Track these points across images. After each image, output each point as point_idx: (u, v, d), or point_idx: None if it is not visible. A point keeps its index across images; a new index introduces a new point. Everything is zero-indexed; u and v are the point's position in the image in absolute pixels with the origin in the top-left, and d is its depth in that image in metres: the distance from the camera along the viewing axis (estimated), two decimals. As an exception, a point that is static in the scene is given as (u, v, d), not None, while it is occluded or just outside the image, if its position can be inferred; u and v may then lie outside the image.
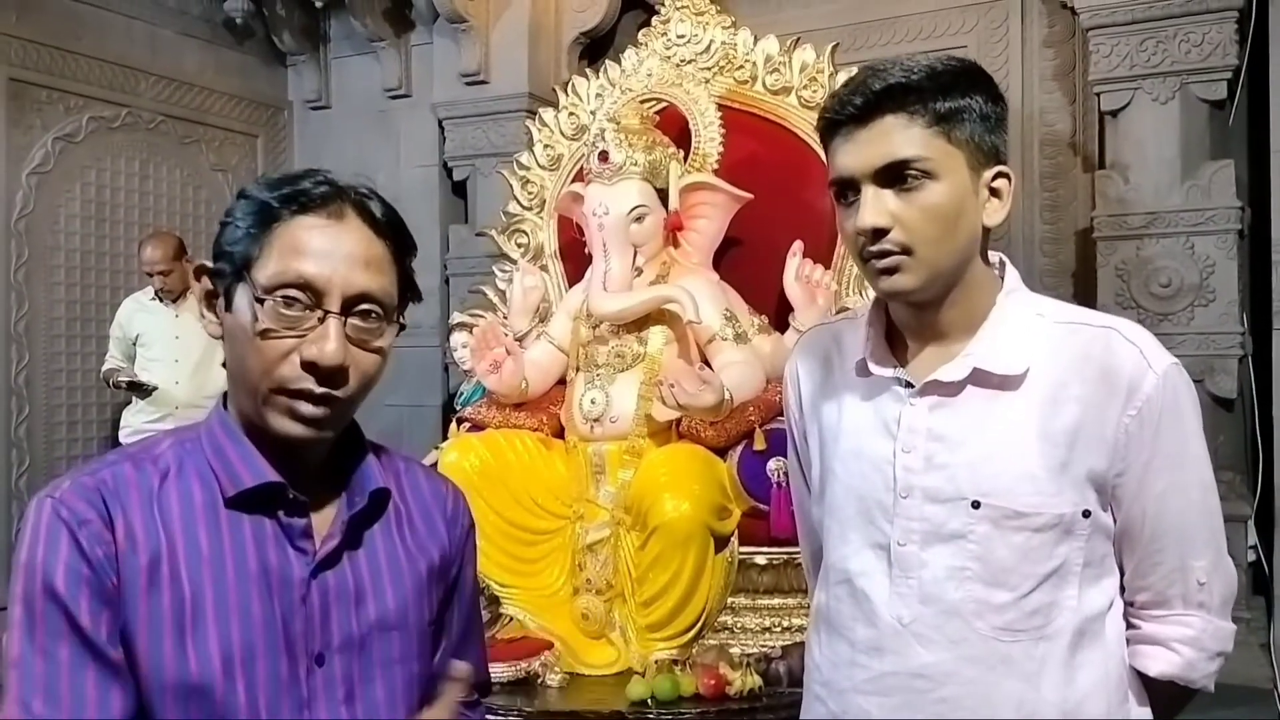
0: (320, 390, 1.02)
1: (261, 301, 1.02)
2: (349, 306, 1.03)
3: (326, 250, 1.03)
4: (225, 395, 1.12)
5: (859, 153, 1.19)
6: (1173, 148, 3.74)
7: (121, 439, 4.47)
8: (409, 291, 1.13)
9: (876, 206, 1.18)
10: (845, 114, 1.20)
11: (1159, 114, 3.76)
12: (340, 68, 5.63)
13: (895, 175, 1.17)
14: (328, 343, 1.01)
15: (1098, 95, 3.92)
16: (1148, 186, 3.77)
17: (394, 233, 1.09)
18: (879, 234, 1.18)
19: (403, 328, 1.12)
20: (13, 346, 4.49)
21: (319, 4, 5.17)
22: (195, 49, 5.31)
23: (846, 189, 1.22)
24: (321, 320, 1.02)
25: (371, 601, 1.08)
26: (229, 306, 1.06)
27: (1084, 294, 4.03)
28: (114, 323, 4.49)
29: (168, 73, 5.14)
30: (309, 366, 1.01)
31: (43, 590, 0.97)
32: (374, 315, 1.05)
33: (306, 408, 1.03)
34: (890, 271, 1.19)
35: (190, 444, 1.09)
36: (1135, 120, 3.81)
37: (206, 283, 1.09)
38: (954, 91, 1.18)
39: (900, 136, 1.17)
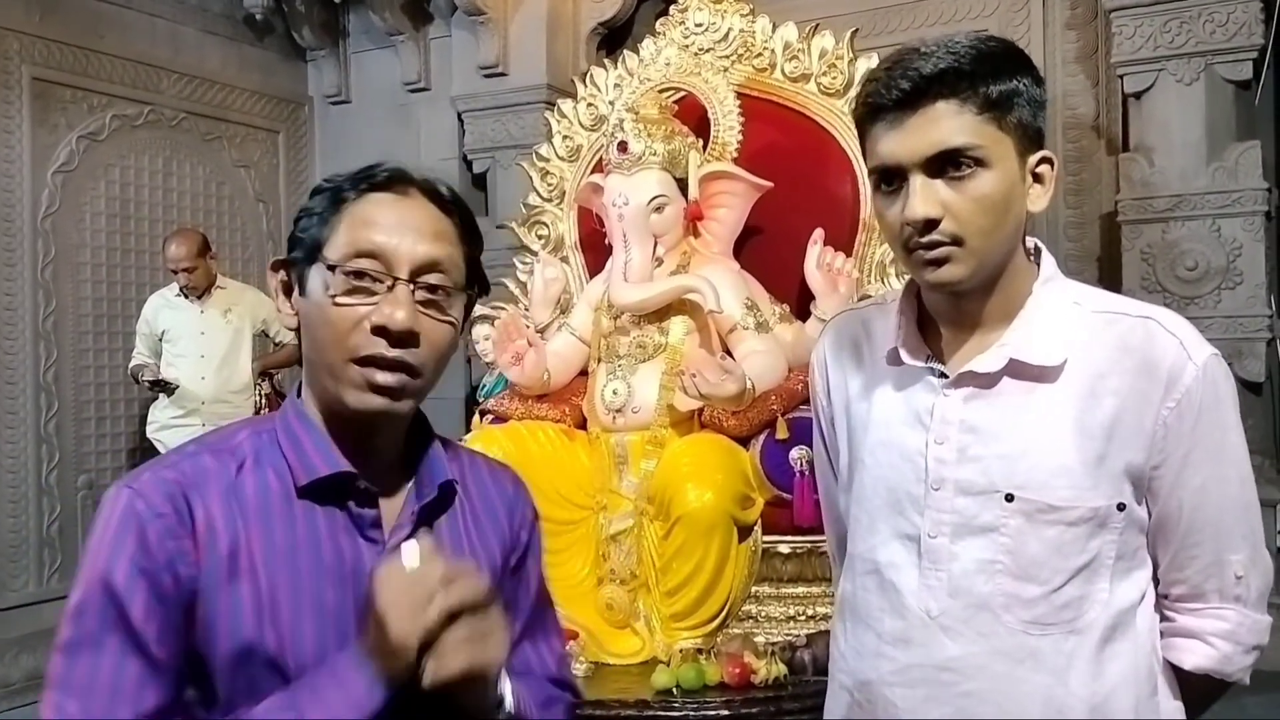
0: (392, 355, 1.04)
1: (334, 270, 1.05)
2: (417, 275, 1.06)
3: (394, 222, 1.07)
4: (299, 386, 1.14)
5: (907, 140, 1.14)
6: (1198, 129, 3.71)
7: (149, 434, 4.52)
8: (477, 281, 1.15)
9: (927, 196, 1.14)
10: (891, 98, 1.15)
11: (1183, 95, 3.72)
12: (360, 62, 5.65)
13: (946, 164, 1.14)
14: (398, 308, 1.04)
15: (1121, 77, 3.89)
16: (1173, 169, 3.73)
17: (460, 210, 1.12)
18: (929, 225, 1.14)
19: (469, 308, 1.15)
20: (41, 344, 4.53)
21: (338, -1, 5.20)
22: (217, 46, 5.34)
23: (891, 177, 1.18)
24: (391, 288, 1.05)
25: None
26: (304, 291, 1.09)
27: (1109, 278, 4.00)
28: (140, 319, 4.54)
29: (190, 70, 5.17)
30: (380, 331, 1.04)
31: (101, 580, 0.99)
32: (443, 285, 1.08)
33: (381, 376, 1.04)
34: (939, 263, 1.16)
35: (266, 434, 1.10)
36: (1159, 102, 3.78)
37: (283, 275, 1.12)
38: (1003, 74, 1.14)
39: (952, 124, 1.13)
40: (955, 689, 1.20)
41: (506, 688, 1.07)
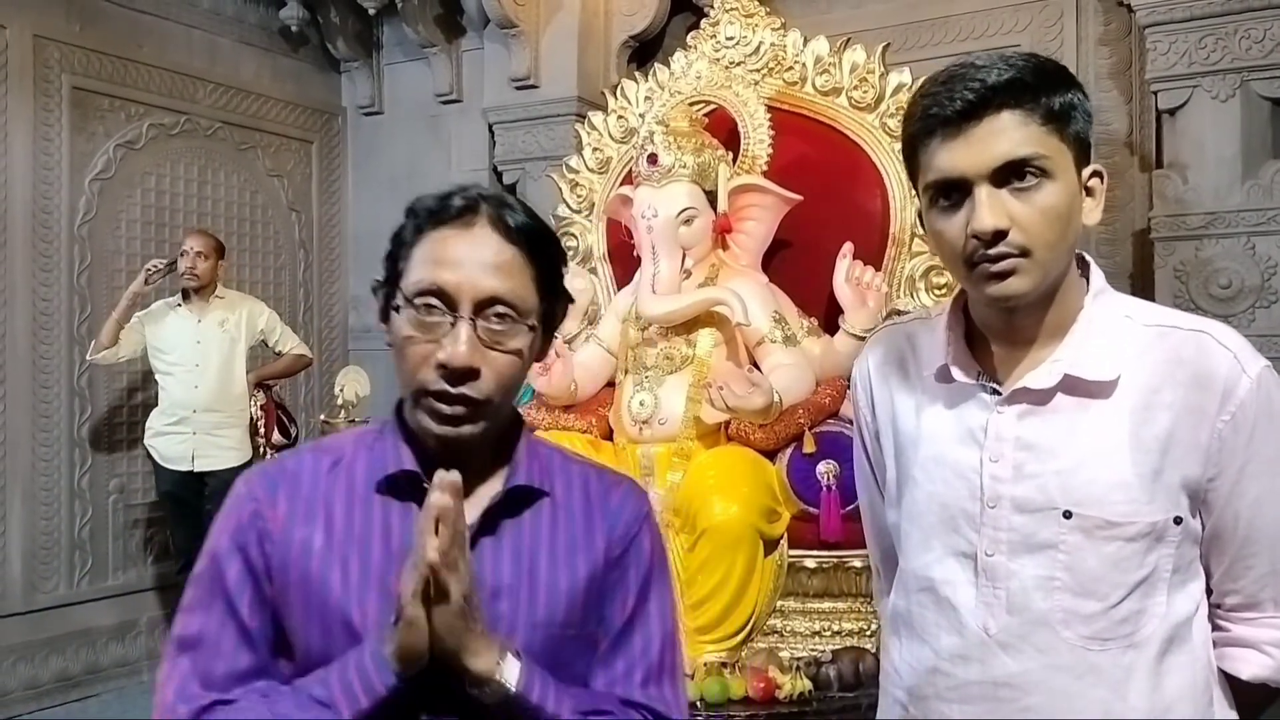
0: (455, 391, 1.10)
1: (399, 310, 1.13)
2: (480, 309, 1.10)
3: (457, 258, 1.11)
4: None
5: (971, 151, 1.14)
6: (1233, 146, 3.67)
7: (145, 442, 4.48)
8: (558, 296, 1.19)
9: (995, 207, 1.13)
10: (955, 108, 1.14)
11: (1219, 112, 3.68)
12: (393, 73, 5.70)
13: (1011, 174, 1.13)
14: (458, 345, 1.09)
15: (1155, 94, 3.85)
16: (1207, 186, 3.70)
17: (526, 238, 1.14)
18: (998, 236, 1.13)
19: (548, 329, 1.19)
20: (75, 349, 4.58)
21: (372, 11, 5.24)
22: (252, 56, 5.40)
23: (951, 190, 1.17)
24: (454, 325, 1.10)
25: (504, 593, 1.13)
26: (388, 317, 1.16)
27: (1141, 296, 3.87)
28: (144, 308, 4.47)
29: (225, 80, 5.23)
30: (442, 368, 1.09)
31: (211, 552, 1.14)
32: (506, 318, 1.11)
33: (444, 408, 1.11)
34: (1004, 275, 1.15)
35: (369, 436, 1.21)
36: (1194, 119, 3.74)
37: (379, 298, 1.18)
38: (1061, 87, 1.15)
39: (1019, 134, 1.13)
40: (1014, 705, 1.19)
41: (511, 672, 1.06)
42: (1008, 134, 1.13)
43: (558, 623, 1.14)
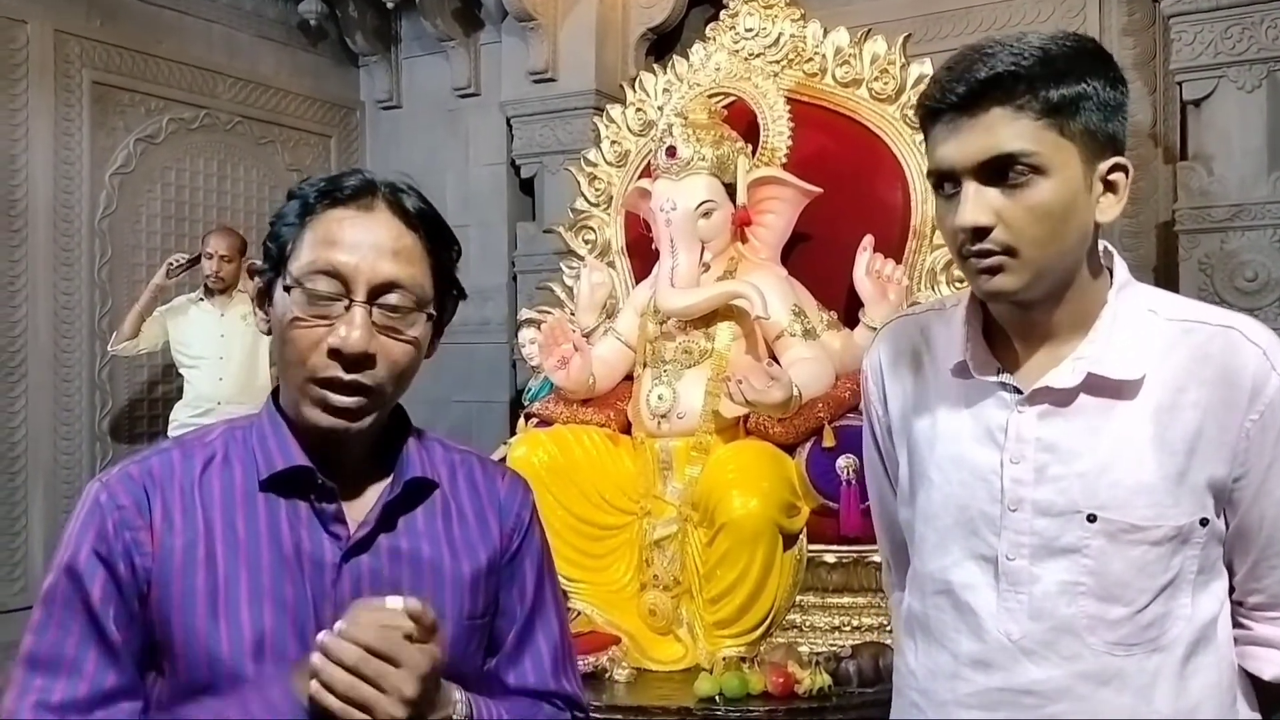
0: (348, 378, 1.04)
1: (290, 290, 1.06)
2: (376, 295, 1.06)
3: (354, 240, 1.06)
4: (277, 387, 1.16)
5: (961, 145, 1.11)
6: (1259, 137, 3.63)
7: (170, 433, 4.54)
8: (451, 287, 1.15)
9: (978, 204, 1.10)
10: (947, 102, 1.12)
11: (1244, 103, 3.64)
12: (411, 68, 5.70)
13: (1000, 170, 1.10)
14: (353, 329, 1.04)
15: (1179, 84, 3.81)
16: (1232, 178, 3.66)
17: (426, 225, 1.11)
18: (981, 233, 1.11)
19: (435, 319, 1.13)
20: (96, 342, 4.61)
21: (390, 5, 5.24)
22: (271, 51, 5.41)
23: (946, 181, 1.15)
24: (348, 308, 1.05)
25: (405, 591, 1.08)
26: (271, 301, 1.10)
27: (1165, 289, 3.90)
28: (165, 303, 4.50)
29: (244, 75, 5.25)
30: (335, 354, 1.04)
31: (67, 566, 1.04)
32: (403, 305, 1.07)
33: (336, 398, 1.05)
34: (992, 272, 1.13)
35: (240, 432, 1.13)
36: (1219, 109, 3.70)
37: (259, 281, 1.12)
38: (1069, 78, 1.09)
39: (1007, 130, 1.09)
40: (1037, 712, 1.17)
41: (458, 708, 1.05)
42: (994, 130, 1.09)
43: (464, 614, 1.13)
